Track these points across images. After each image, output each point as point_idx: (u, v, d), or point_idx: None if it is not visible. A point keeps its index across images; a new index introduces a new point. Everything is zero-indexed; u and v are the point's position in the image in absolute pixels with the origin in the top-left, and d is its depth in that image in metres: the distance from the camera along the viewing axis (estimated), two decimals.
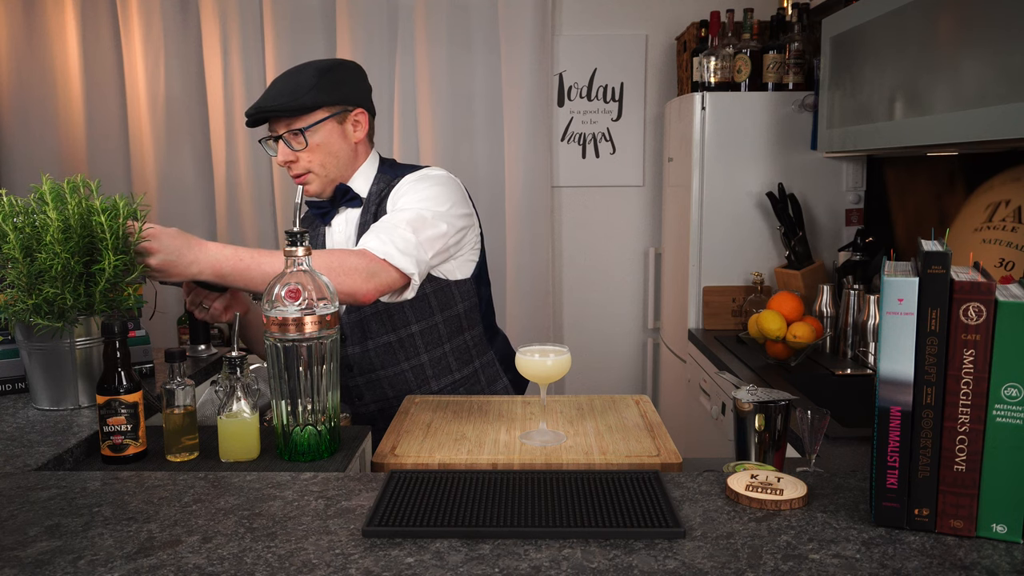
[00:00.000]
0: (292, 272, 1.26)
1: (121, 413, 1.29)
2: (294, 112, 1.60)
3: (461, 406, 1.55)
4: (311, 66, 1.64)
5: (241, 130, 3.40)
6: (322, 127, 1.63)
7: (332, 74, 1.63)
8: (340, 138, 1.66)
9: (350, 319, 1.70)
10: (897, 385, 0.94)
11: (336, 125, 1.65)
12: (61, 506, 1.06)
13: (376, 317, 1.69)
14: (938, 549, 0.92)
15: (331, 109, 1.63)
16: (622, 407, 1.54)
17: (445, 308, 1.71)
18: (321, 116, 1.62)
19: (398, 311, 1.68)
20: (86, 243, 1.53)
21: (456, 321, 1.73)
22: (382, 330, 1.70)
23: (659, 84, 3.38)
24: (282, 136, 1.63)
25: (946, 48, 1.68)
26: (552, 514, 0.99)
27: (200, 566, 0.90)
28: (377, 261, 1.44)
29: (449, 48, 3.30)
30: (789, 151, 2.65)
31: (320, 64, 1.64)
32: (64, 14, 3.35)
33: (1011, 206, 1.84)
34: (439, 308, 1.70)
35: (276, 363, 1.26)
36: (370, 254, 1.44)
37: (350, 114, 1.67)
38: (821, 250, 2.68)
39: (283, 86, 1.62)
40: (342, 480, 1.15)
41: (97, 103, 3.43)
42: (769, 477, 1.09)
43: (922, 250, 0.96)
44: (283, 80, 1.63)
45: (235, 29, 3.33)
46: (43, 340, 1.54)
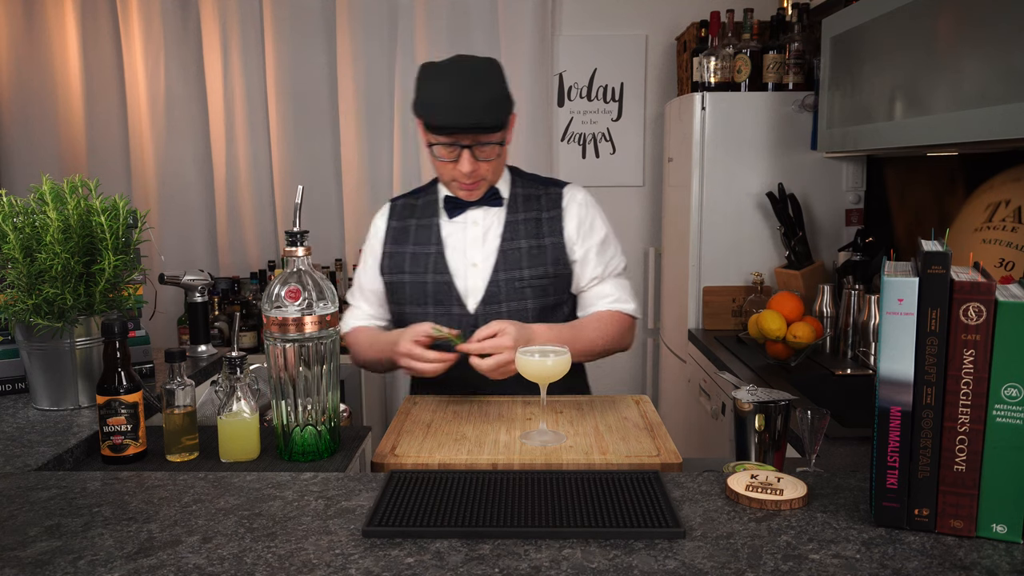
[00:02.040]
0: (292, 272, 1.26)
1: (121, 413, 1.29)
2: (497, 129, 1.57)
3: (461, 406, 1.55)
4: (492, 71, 1.59)
5: (241, 130, 3.40)
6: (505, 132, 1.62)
7: (504, 80, 1.61)
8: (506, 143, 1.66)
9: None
10: (897, 385, 0.94)
11: (509, 130, 1.64)
12: (61, 506, 1.06)
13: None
14: (938, 549, 0.92)
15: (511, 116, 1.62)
16: (622, 407, 1.54)
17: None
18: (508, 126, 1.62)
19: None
20: (86, 243, 1.53)
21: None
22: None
23: (659, 84, 3.38)
24: (469, 147, 1.58)
25: (946, 48, 1.68)
26: (552, 514, 0.99)
27: (200, 566, 0.90)
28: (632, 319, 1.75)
29: (449, 48, 3.30)
30: (789, 151, 2.64)
31: (495, 67, 1.60)
32: (64, 14, 3.35)
33: (1011, 206, 1.84)
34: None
35: (276, 363, 1.26)
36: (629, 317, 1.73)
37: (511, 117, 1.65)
38: (821, 250, 2.68)
39: (489, 94, 1.56)
40: (342, 480, 1.15)
41: (97, 103, 3.43)
42: (769, 477, 1.09)
43: (922, 250, 0.96)
44: (477, 89, 1.55)
45: (235, 29, 3.33)
46: (43, 340, 1.54)
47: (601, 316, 1.69)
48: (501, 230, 1.69)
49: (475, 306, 1.66)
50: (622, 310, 1.71)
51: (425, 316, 1.67)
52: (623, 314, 1.71)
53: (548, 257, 1.67)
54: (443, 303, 1.67)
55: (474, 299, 1.67)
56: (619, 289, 1.72)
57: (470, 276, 1.67)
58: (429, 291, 1.68)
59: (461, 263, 1.68)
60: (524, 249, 1.67)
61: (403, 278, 1.71)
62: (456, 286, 1.67)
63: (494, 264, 1.67)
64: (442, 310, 1.67)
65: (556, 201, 1.72)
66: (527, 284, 1.66)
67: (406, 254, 1.72)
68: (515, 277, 1.66)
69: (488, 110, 1.55)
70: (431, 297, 1.68)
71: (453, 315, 1.66)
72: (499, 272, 1.66)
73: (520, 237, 1.68)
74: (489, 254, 1.68)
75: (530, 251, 1.67)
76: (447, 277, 1.67)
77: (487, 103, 1.55)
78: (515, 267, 1.66)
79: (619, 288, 1.73)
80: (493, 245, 1.68)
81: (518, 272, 1.66)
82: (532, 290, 1.66)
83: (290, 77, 3.36)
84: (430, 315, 1.67)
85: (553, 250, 1.68)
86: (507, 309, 1.65)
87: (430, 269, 1.69)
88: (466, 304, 1.66)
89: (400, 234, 1.75)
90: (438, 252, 1.69)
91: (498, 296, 1.65)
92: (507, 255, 1.67)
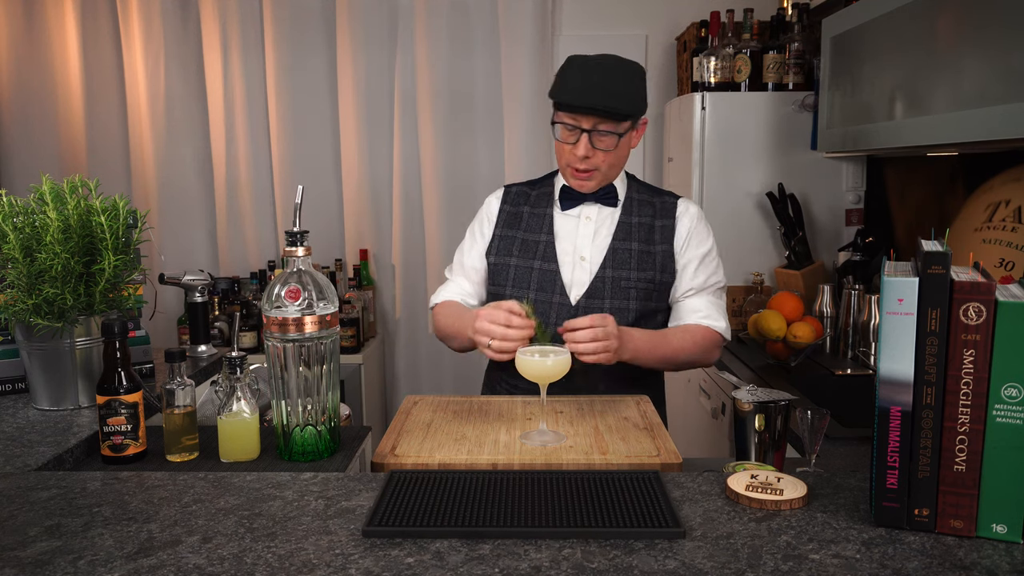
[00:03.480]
0: (292, 272, 1.26)
1: (121, 413, 1.29)
2: (624, 118, 1.61)
3: (461, 406, 1.55)
4: (627, 69, 1.62)
5: (241, 130, 3.40)
6: (628, 133, 1.65)
7: (641, 81, 1.64)
8: (627, 144, 1.68)
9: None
10: (897, 385, 0.94)
11: (632, 132, 1.67)
12: (61, 506, 1.06)
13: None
14: (938, 549, 0.92)
15: (638, 117, 1.65)
16: (622, 407, 1.53)
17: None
18: (632, 123, 1.64)
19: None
20: (86, 243, 1.53)
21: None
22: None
23: (659, 84, 3.38)
24: (590, 131, 1.61)
25: (946, 48, 1.68)
26: (552, 514, 0.99)
27: (200, 566, 0.90)
28: (721, 337, 1.73)
29: (449, 48, 3.30)
30: (789, 151, 2.64)
31: (632, 68, 1.63)
32: (64, 14, 3.35)
33: (1011, 206, 1.84)
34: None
35: (276, 363, 1.26)
36: (717, 334, 1.72)
37: (640, 121, 1.69)
38: (821, 250, 2.68)
39: (620, 87, 1.59)
40: (342, 480, 1.15)
41: (97, 103, 3.43)
42: (769, 477, 1.09)
43: (922, 250, 0.96)
44: (616, 76, 1.60)
45: (235, 29, 3.33)
46: (43, 340, 1.54)
47: (688, 329, 1.70)
48: (614, 229, 1.72)
49: (577, 298, 1.68)
50: (712, 327, 1.70)
51: (525, 302, 1.69)
52: (711, 331, 1.70)
53: (657, 263, 1.70)
54: (546, 290, 1.70)
55: (578, 291, 1.69)
56: (711, 306, 1.73)
57: (577, 269, 1.70)
58: (534, 277, 1.71)
59: (570, 255, 1.71)
60: (635, 251, 1.70)
61: (509, 261, 1.74)
62: (562, 276, 1.70)
63: (602, 261, 1.69)
64: (544, 296, 1.70)
65: (670, 211, 1.74)
66: (633, 286, 1.68)
67: (516, 238, 1.75)
68: (622, 277, 1.68)
69: (613, 97, 1.58)
70: (535, 283, 1.71)
71: (553, 303, 1.69)
72: (607, 269, 1.69)
73: (632, 239, 1.71)
74: (599, 251, 1.70)
75: (640, 254, 1.70)
76: (554, 266, 1.70)
77: (615, 92, 1.58)
78: (623, 267, 1.69)
79: (711, 305, 1.73)
80: (604, 243, 1.71)
81: (626, 272, 1.68)
82: (637, 292, 1.68)
83: (290, 77, 3.37)
84: (530, 301, 1.68)
85: (662, 257, 1.70)
86: (609, 306, 1.67)
87: (538, 256, 1.72)
88: (568, 295, 1.69)
89: (512, 218, 1.78)
90: (548, 241, 1.72)
91: (602, 292, 1.68)
92: (617, 254, 1.69)
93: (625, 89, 1.60)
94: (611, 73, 1.60)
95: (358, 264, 3.43)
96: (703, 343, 1.69)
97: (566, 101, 1.60)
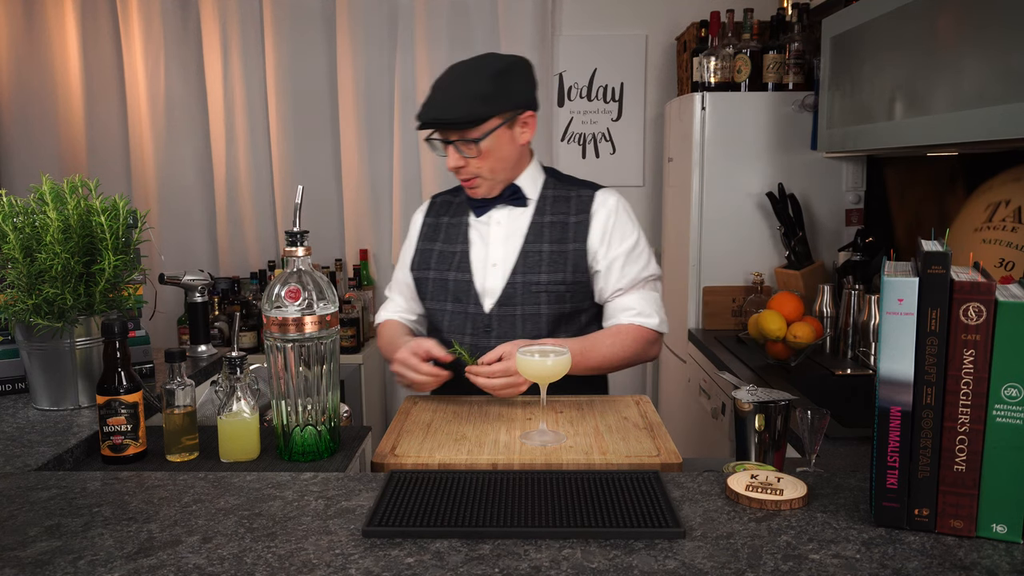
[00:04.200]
0: (292, 272, 1.26)
1: (121, 413, 1.29)
2: (470, 125, 1.56)
3: (461, 406, 1.55)
4: (484, 69, 1.58)
5: (241, 130, 3.40)
6: (493, 134, 1.58)
7: (505, 78, 1.58)
8: (509, 142, 1.62)
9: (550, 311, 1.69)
10: (897, 385, 0.94)
11: (506, 130, 1.60)
12: (61, 506, 1.06)
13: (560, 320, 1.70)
14: (938, 549, 0.92)
15: (503, 116, 1.59)
16: (622, 407, 1.53)
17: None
18: (494, 124, 1.58)
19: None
20: (86, 243, 1.53)
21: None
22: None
23: (659, 84, 3.38)
24: (453, 142, 1.60)
25: (946, 48, 1.68)
26: (552, 514, 0.99)
27: (200, 566, 0.90)
28: (655, 333, 1.69)
29: (449, 48, 3.30)
30: (789, 151, 2.64)
31: (493, 67, 1.58)
32: (64, 14, 3.35)
33: (1011, 206, 1.84)
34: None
35: (276, 363, 1.26)
36: (651, 331, 1.67)
37: (520, 117, 1.62)
38: (821, 250, 2.68)
39: (458, 92, 1.56)
40: (342, 480, 1.15)
41: (97, 103, 3.43)
42: (769, 477, 1.09)
43: (922, 250, 0.96)
44: (457, 84, 1.57)
45: (235, 29, 3.33)
46: (43, 340, 1.54)
47: (620, 330, 1.65)
48: (525, 231, 1.68)
49: (490, 307, 1.66)
50: (644, 324, 1.66)
51: (443, 313, 1.69)
52: (644, 329, 1.66)
53: (568, 263, 1.65)
54: (461, 301, 1.68)
55: (490, 299, 1.66)
56: (644, 302, 1.67)
57: (489, 276, 1.67)
58: (450, 288, 1.69)
59: (482, 263, 1.69)
60: (545, 253, 1.66)
61: (428, 274, 1.72)
62: (475, 285, 1.67)
63: (513, 266, 1.66)
64: (460, 307, 1.68)
65: (586, 205, 1.68)
66: (543, 289, 1.64)
67: (434, 251, 1.74)
68: (532, 281, 1.64)
69: (454, 107, 1.54)
70: (451, 294, 1.69)
71: (469, 313, 1.67)
72: (517, 274, 1.65)
73: (543, 240, 1.67)
74: (510, 255, 1.67)
75: (551, 255, 1.65)
76: (467, 276, 1.68)
77: (458, 100, 1.55)
78: (534, 271, 1.65)
79: (644, 301, 1.67)
80: (515, 246, 1.67)
81: (535, 276, 1.64)
82: (548, 295, 1.64)
83: (290, 77, 3.37)
84: (448, 312, 1.68)
85: (575, 256, 1.65)
86: (521, 312, 1.65)
87: (453, 267, 1.70)
88: (482, 304, 1.66)
89: (432, 231, 1.77)
90: (463, 251, 1.70)
91: (514, 298, 1.65)
92: (527, 257, 1.66)
93: (470, 92, 1.54)
94: (460, 79, 1.57)
95: (358, 264, 3.43)
96: (636, 344, 1.64)
97: (418, 116, 1.59)
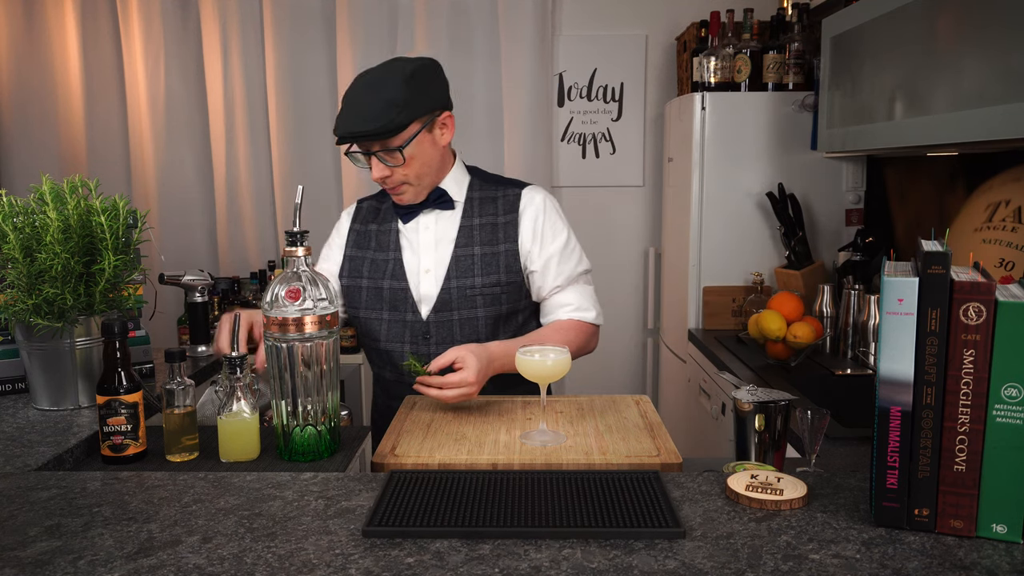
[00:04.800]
0: (292, 272, 1.26)
1: (121, 413, 1.29)
2: (390, 134, 1.53)
3: (461, 406, 1.55)
4: (394, 76, 1.54)
5: (241, 130, 3.40)
6: (415, 140, 1.56)
7: (417, 81, 1.55)
8: (431, 146, 1.60)
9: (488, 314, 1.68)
10: (897, 385, 0.94)
11: (427, 134, 1.58)
12: (61, 506, 1.06)
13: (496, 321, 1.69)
14: (938, 549, 0.92)
15: (422, 120, 1.56)
16: (622, 407, 1.53)
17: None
18: (415, 130, 1.56)
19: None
20: (86, 243, 1.53)
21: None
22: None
23: (659, 84, 3.38)
24: (375, 153, 1.57)
25: (946, 48, 1.68)
26: (552, 514, 0.99)
27: (200, 566, 0.90)
28: (593, 327, 1.73)
29: (449, 48, 3.30)
30: (789, 151, 2.64)
31: (402, 71, 1.54)
32: (64, 14, 3.35)
33: (1011, 206, 1.84)
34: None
35: (276, 363, 1.26)
36: (589, 325, 1.71)
37: (437, 119, 1.60)
38: (821, 250, 2.68)
39: (372, 104, 1.52)
40: (342, 480, 1.15)
41: (97, 103, 3.43)
42: (769, 477, 1.09)
43: (922, 250, 0.96)
44: (369, 95, 1.53)
45: (235, 29, 3.33)
46: (43, 340, 1.54)
47: (561, 326, 1.67)
48: (455, 235, 1.66)
49: (427, 313, 1.65)
50: (583, 319, 1.69)
51: (380, 321, 1.67)
52: (583, 323, 1.69)
53: (501, 265, 1.64)
54: (398, 309, 1.66)
55: (427, 306, 1.65)
56: (580, 296, 1.69)
57: (423, 283, 1.65)
58: (385, 296, 1.67)
59: (415, 269, 1.67)
60: (477, 256, 1.64)
61: (360, 283, 1.70)
62: (411, 292, 1.66)
63: (447, 271, 1.64)
64: (397, 316, 1.66)
65: (513, 204, 1.67)
66: (479, 292, 1.63)
67: (366, 259, 1.71)
68: (467, 285, 1.63)
69: (371, 118, 1.51)
70: (387, 303, 1.67)
71: (407, 321, 1.65)
72: (451, 279, 1.64)
73: (474, 243, 1.65)
74: (442, 260, 1.65)
75: (484, 258, 1.64)
76: (403, 283, 1.66)
77: (373, 110, 1.51)
78: (467, 275, 1.63)
79: (580, 295, 1.70)
80: (446, 251, 1.66)
81: (470, 280, 1.63)
82: (483, 299, 1.63)
83: (290, 77, 3.36)
84: (384, 320, 1.67)
85: (507, 257, 1.64)
86: (458, 317, 1.64)
87: (387, 275, 1.67)
88: (419, 311, 1.65)
89: (362, 238, 1.74)
90: (396, 258, 1.68)
91: (449, 304, 1.64)
92: (460, 262, 1.64)
93: (384, 100, 1.51)
94: (368, 89, 1.54)
95: None
96: (578, 337, 1.67)
97: (336, 133, 1.56)
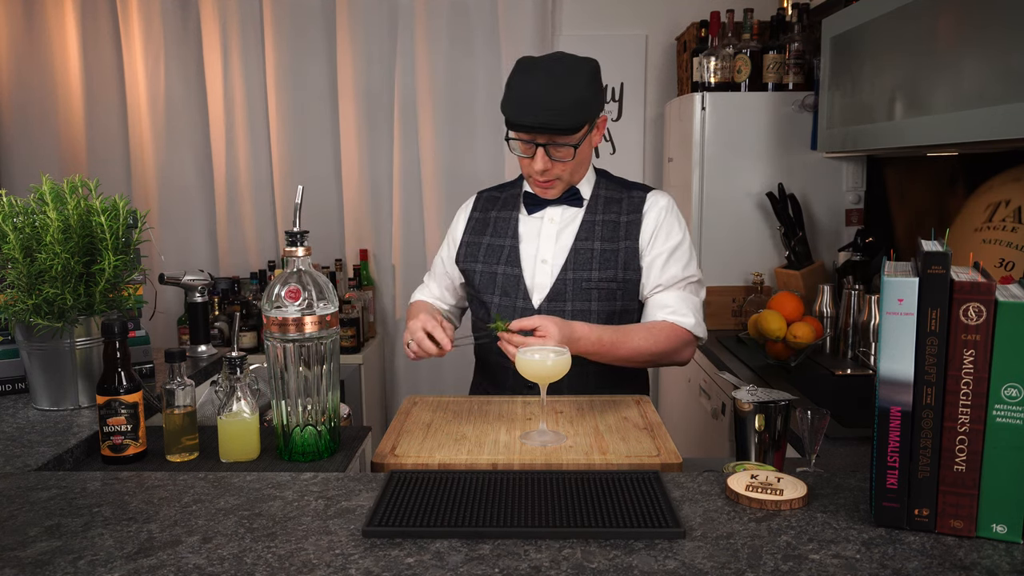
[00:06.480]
0: (292, 272, 1.26)
1: (121, 413, 1.29)
2: (574, 131, 1.55)
3: (461, 406, 1.55)
4: (579, 75, 1.55)
5: (241, 130, 3.40)
6: (586, 139, 1.60)
7: (596, 82, 1.58)
8: (588, 145, 1.63)
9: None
10: (897, 385, 0.94)
11: (591, 134, 1.62)
12: (61, 506, 1.06)
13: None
14: (938, 549, 0.92)
15: (592, 121, 1.60)
16: (622, 407, 1.53)
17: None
18: (587, 130, 1.59)
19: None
20: (86, 243, 1.53)
21: None
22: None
23: (659, 84, 3.38)
24: (543, 145, 1.57)
25: (946, 48, 1.68)
26: (552, 514, 0.99)
27: (200, 566, 0.90)
28: (689, 334, 1.66)
29: (449, 48, 3.30)
30: (789, 151, 2.65)
31: (585, 70, 1.56)
32: (64, 14, 3.35)
33: (1011, 206, 1.84)
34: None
35: (276, 363, 1.26)
36: (685, 331, 1.65)
37: (598, 121, 1.64)
38: (821, 250, 2.68)
39: (563, 100, 1.52)
40: (342, 480, 1.15)
41: (97, 103, 3.43)
42: (769, 477, 1.09)
43: (922, 250, 0.96)
44: (560, 91, 1.53)
45: (235, 29, 3.33)
46: (43, 340, 1.54)
47: (654, 326, 1.63)
48: (576, 229, 1.69)
49: (539, 301, 1.67)
50: (679, 323, 1.63)
51: (491, 306, 1.70)
52: (678, 327, 1.63)
53: (619, 261, 1.66)
54: (509, 295, 1.69)
55: (539, 295, 1.67)
56: (680, 302, 1.65)
57: (538, 272, 1.68)
58: (498, 282, 1.70)
59: (532, 258, 1.70)
60: (597, 251, 1.67)
61: (475, 267, 1.74)
62: (523, 279, 1.69)
63: (564, 262, 1.67)
64: (508, 301, 1.69)
65: (637, 206, 1.70)
66: (594, 286, 1.65)
67: (482, 244, 1.75)
68: (583, 277, 1.65)
69: (564, 113, 1.53)
70: (499, 288, 1.70)
71: (517, 308, 1.68)
72: (568, 271, 1.66)
73: (595, 238, 1.68)
74: (560, 252, 1.68)
75: (603, 253, 1.66)
76: (517, 270, 1.69)
77: (565, 105, 1.53)
78: (584, 267, 1.66)
79: (681, 301, 1.66)
80: (566, 243, 1.69)
81: (587, 273, 1.65)
82: (599, 292, 1.65)
83: (290, 77, 3.37)
84: (495, 305, 1.70)
85: (626, 254, 1.66)
86: (571, 308, 1.65)
87: (502, 261, 1.71)
88: (531, 298, 1.67)
89: (480, 225, 1.78)
90: (512, 245, 1.72)
91: (564, 294, 1.66)
92: (578, 254, 1.67)
93: (574, 98, 1.53)
94: (558, 84, 1.53)
95: (358, 264, 3.43)
96: (668, 341, 1.62)
97: (515, 121, 1.55)
